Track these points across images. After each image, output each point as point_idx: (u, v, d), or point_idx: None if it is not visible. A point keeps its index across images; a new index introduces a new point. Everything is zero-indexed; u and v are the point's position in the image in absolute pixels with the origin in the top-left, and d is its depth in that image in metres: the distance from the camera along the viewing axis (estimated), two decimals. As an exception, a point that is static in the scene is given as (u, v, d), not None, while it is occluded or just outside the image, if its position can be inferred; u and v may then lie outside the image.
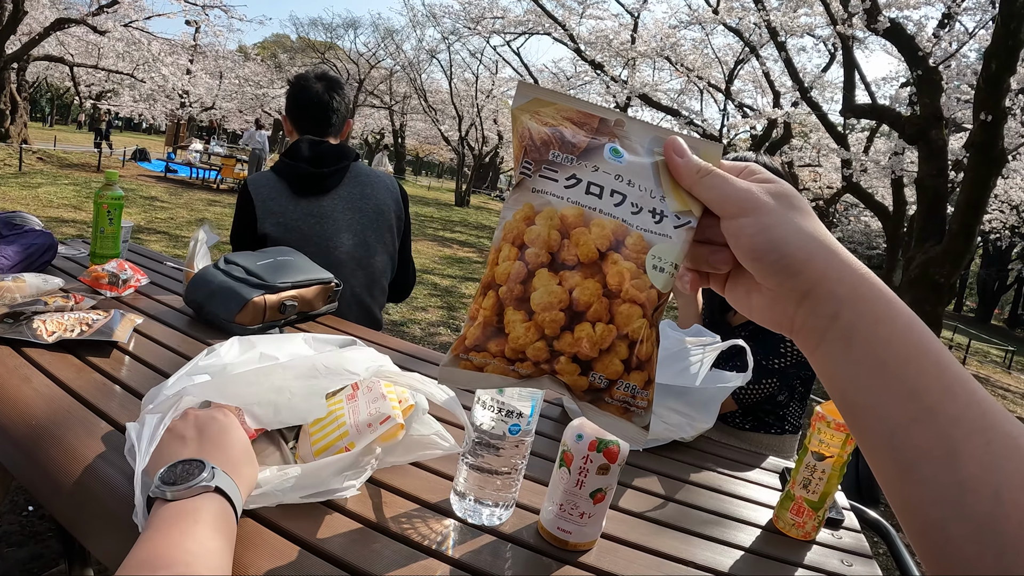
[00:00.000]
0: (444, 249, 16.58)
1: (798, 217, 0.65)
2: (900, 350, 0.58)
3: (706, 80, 21.77)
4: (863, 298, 0.61)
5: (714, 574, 1.20)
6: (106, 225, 2.45)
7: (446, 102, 37.29)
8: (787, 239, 0.63)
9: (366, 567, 1.02)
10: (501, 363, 0.66)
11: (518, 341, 0.65)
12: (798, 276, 0.63)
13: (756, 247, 0.64)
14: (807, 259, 0.63)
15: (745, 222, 0.65)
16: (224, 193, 19.93)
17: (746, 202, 0.65)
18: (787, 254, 0.63)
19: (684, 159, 0.69)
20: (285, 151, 2.75)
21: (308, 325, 2.26)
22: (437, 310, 9.52)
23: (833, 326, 0.61)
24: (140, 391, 1.50)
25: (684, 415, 1.77)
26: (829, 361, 0.62)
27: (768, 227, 0.64)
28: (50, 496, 1.18)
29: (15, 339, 1.66)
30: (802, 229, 0.64)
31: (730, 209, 0.66)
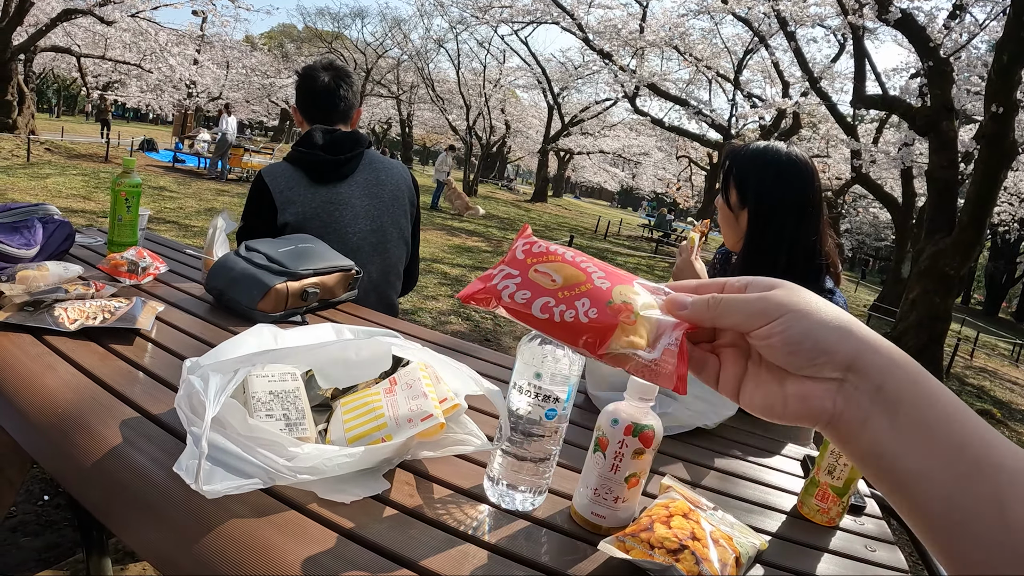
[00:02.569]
0: (453, 239, 16.57)
1: (816, 304, 0.67)
2: (940, 410, 0.60)
3: (715, 70, 21.75)
4: (899, 364, 0.63)
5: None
6: (124, 213, 2.45)
7: (454, 92, 37.28)
8: (816, 326, 0.65)
9: (405, 553, 1.02)
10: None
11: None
12: (837, 354, 0.64)
13: (790, 341, 0.66)
14: (841, 337, 0.64)
15: (773, 326, 0.66)
16: (232, 183, 19.95)
17: (767, 311, 0.67)
18: (822, 338, 0.65)
19: (690, 308, 0.71)
20: (299, 140, 2.74)
21: (328, 312, 2.25)
22: (447, 299, 9.52)
23: (878, 398, 0.62)
24: (165, 378, 1.50)
25: (707, 402, 1.76)
26: (875, 440, 0.63)
27: (796, 321, 0.65)
28: (77, 483, 1.18)
29: (37, 327, 1.65)
30: (827, 313, 0.66)
31: (756, 322, 0.68)
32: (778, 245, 2.09)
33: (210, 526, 1.01)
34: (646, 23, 20.13)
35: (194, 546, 1.00)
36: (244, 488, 1.01)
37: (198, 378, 1.07)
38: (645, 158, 44.68)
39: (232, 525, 1.01)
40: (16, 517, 2.82)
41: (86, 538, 2.44)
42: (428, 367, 1.37)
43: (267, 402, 1.22)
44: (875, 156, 15.23)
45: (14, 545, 2.68)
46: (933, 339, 10.43)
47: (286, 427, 1.19)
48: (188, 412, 1.08)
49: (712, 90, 26.57)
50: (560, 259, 0.78)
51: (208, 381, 1.05)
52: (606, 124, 38.26)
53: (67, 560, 2.65)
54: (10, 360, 1.48)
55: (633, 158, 44.72)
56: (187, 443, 1.03)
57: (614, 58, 20.22)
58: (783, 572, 1.18)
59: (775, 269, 2.10)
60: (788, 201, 2.09)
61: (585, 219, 36.62)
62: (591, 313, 0.71)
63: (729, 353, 0.73)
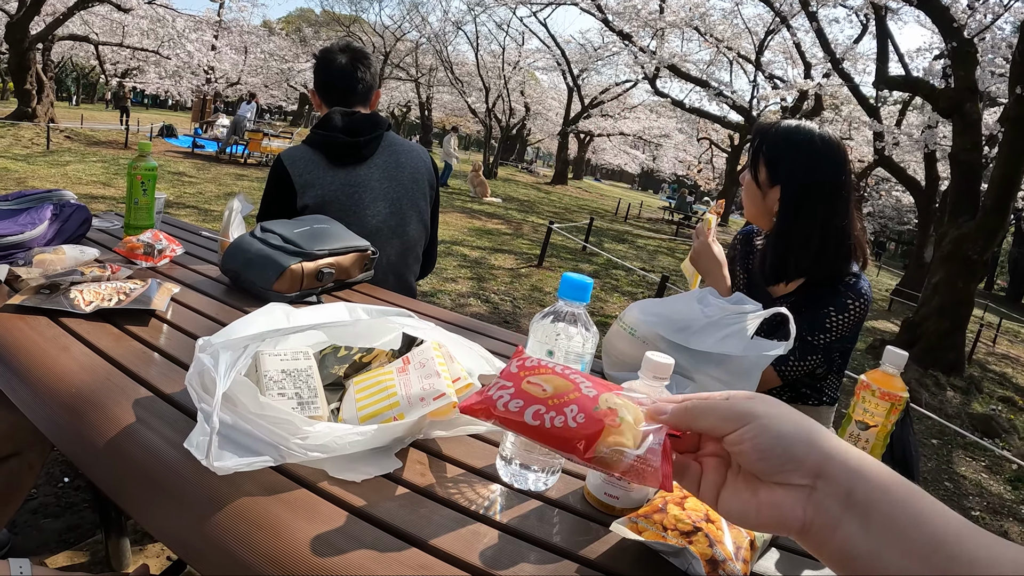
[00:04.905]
0: (473, 221, 16.57)
1: (786, 413, 0.74)
2: (913, 511, 0.64)
3: (736, 51, 21.63)
4: (868, 469, 0.68)
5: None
6: (140, 196, 2.45)
7: (472, 74, 37.18)
8: (785, 432, 0.72)
9: (415, 532, 1.01)
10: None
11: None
12: (805, 461, 0.70)
13: (760, 447, 0.72)
14: (809, 446, 0.70)
15: (744, 432, 0.73)
16: (251, 167, 20.02)
17: (740, 417, 0.74)
18: (790, 446, 0.71)
19: (669, 413, 0.80)
20: (318, 123, 2.73)
21: (344, 293, 2.25)
22: (467, 281, 9.55)
23: (848, 503, 0.67)
24: (180, 358, 1.51)
25: (725, 383, 1.75)
26: (848, 543, 0.66)
27: (765, 427, 0.72)
28: (91, 465, 1.18)
29: (53, 309, 1.66)
30: (795, 420, 0.73)
31: (729, 426, 0.75)
32: (810, 227, 2.08)
33: (220, 504, 1.01)
34: (666, 3, 20.02)
35: (204, 524, 0.99)
36: (255, 465, 1.01)
37: (208, 356, 1.07)
38: (666, 140, 44.42)
39: (242, 503, 1.01)
40: (37, 499, 2.84)
41: (104, 519, 2.46)
42: (442, 347, 1.36)
43: (279, 380, 1.22)
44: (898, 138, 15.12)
45: (35, 527, 2.69)
46: (955, 324, 10.34)
47: (298, 405, 1.19)
48: (199, 390, 1.07)
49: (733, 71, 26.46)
50: (550, 371, 0.87)
51: (218, 358, 1.04)
52: (626, 106, 38.03)
53: (87, 541, 2.67)
54: (26, 342, 1.49)
55: (654, 140, 44.45)
56: (198, 420, 1.03)
57: (634, 39, 20.13)
58: (798, 556, 1.16)
59: (807, 251, 2.09)
60: (821, 183, 2.08)
61: (605, 201, 36.52)
62: (579, 418, 0.79)
63: (711, 462, 0.80)
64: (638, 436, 0.79)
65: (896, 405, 1.34)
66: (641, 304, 1.89)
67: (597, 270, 12.45)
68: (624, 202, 31.70)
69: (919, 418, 6.83)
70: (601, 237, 17.72)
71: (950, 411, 8.41)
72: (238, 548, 0.96)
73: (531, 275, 10.93)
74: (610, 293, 10.45)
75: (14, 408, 1.70)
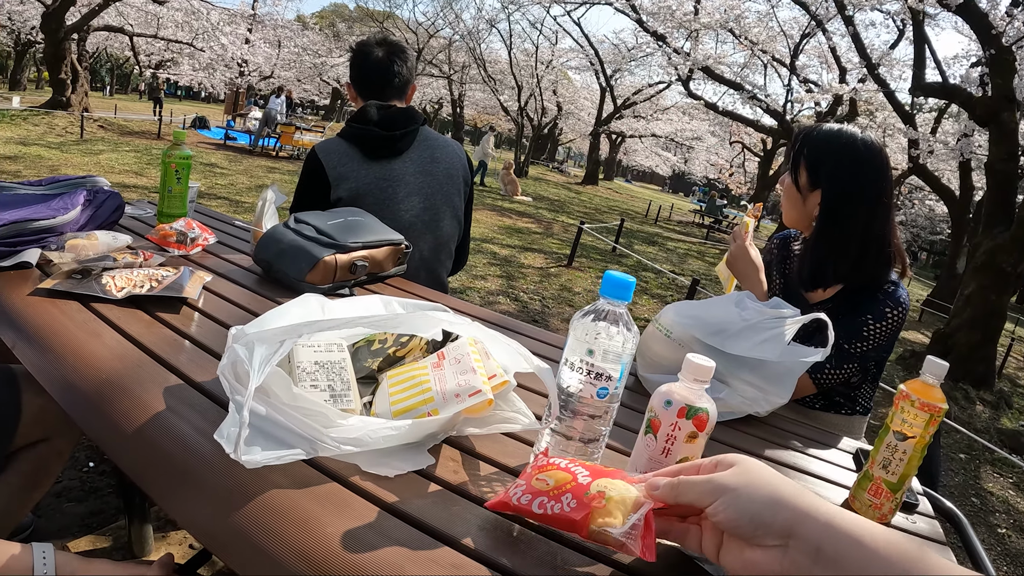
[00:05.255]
0: (503, 219, 16.57)
1: (758, 481, 0.85)
2: (883, 561, 0.72)
3: (770, 54, 21.45)
4: (838, 525, 0.76)
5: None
6: (174, 184, 2.45)
7: (505, 72, 37.17)
8: (751, 506, 0.82)
9: (448, 530, 0.99)
10: None
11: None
12: (772, 525, 0.80)
13: (730, 518, 0.84)
14: (775, 511, 0.81)
15: (717, 505, 0.86)
16: (283, 160, 20.14)
17: (713, 492, 0.87)
18: (756, 513, 0.82)
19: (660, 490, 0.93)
20: (353, 116, 2.72)
21: (376, 287, 2.24)
22: (496, 279, 9.54)
23: (819, 558, 0.75)
24: (211, 347, 1.50)
25: (760, 388, 1.72)
26: None
27: (735, 500, 0.84)
28: (119, 451, 1.17)
29: (84, 294, 1.66)
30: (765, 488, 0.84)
31: (706, 500, 0.87)
32: (851, 233, 2.05)
33: (250, 496, 0.99)
34: (701, 5, 19.89)
35: (232, 515, 0.98)
36: (285, 458, 1.00)
37: (243, 347, 1.05)
38: (698, 143, 44.22)
39: (272, 496, 1.00)
40: (61, 483, 2.85)
41: (128, 505, 2.46)
42: (477, 342, 1.34)
43: (312, 372, 1.20)
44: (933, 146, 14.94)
45: (58, 510, 2.70)
46: (987, 337, 10.21)
47: (331, 398, 1.18)
48: (231, 380, 1.06)
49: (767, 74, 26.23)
50: (556, 468, 1.01)
51: (253, 351, 1.03)
52: (659, 107, 37.84)
53: (109, 526, 2.68)
54: (56, 326, 1.48)
55: (685, 142, 44.27)
56: (229, 411, 1.01)
57: (668, 40, 20.03)
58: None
59: (846, 257, 2.07)
60: (863, 187, 2.05)
61: (636, 203, 36.46)
62: (571, 503, 0.94)
63: (708, 525, 0.91)
64: (627, 510, 0.93)
65: (935, 417, 1.30)
66: (677, 306, 1.86)
67: (626, 271, 12.36)
68: (654, 204, 31.63)
69: (947, 431, 6.75)
70: (631, 238, 17.68)
71: (979, 425, 8.31)
72: (266, 541, 0.94)
73: (560, 275, 10.90)
74: (639, 295, 10.41)
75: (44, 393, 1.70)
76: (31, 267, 1.83)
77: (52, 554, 1.17)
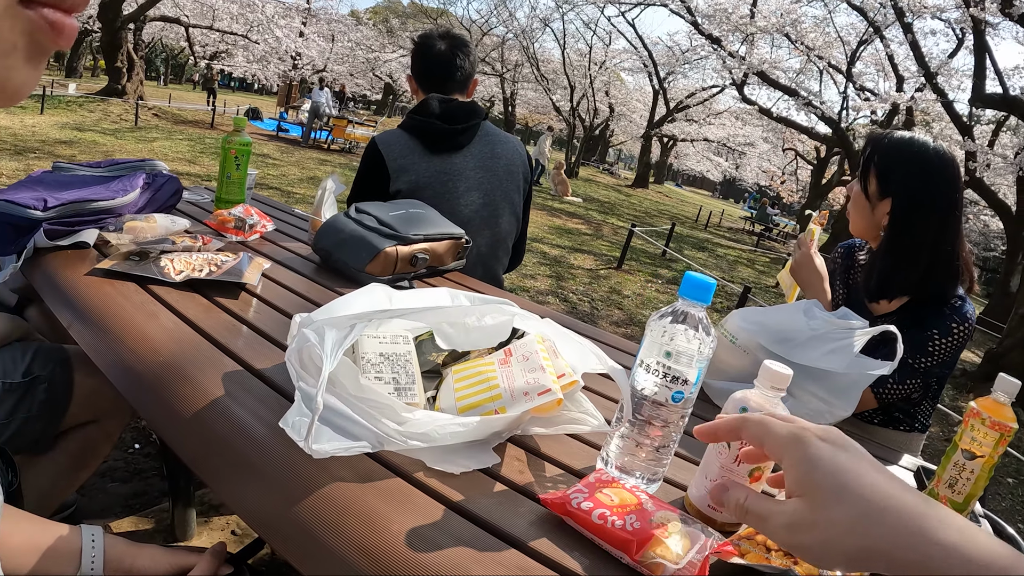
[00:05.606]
0: (553, 219, 16.56)
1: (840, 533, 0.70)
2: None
3: (826, 60, 21.20)
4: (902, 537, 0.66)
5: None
6: (233, 171, 2.45)
7: (558, 72, 37.22)
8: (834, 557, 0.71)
9: (514, 532, 0.96)
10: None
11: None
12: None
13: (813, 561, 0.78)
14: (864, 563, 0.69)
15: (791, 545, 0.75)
16: (335, 153, 20.33)
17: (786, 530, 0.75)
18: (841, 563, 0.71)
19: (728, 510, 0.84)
20: (415, 108, 2.71)
21: (436, 280, 2.23)
22: (546, 279, 9.53)
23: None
24: (270, 334, 1.48)
25: (824, 400, 1.68)
26: None
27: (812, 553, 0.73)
28: (175, 434, 1.16)
29: (142, 276, 1.65)
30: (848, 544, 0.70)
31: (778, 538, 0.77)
32: (921, 244, 1.99)
33: (310, 488, 0.97)
34: (757, 8, 19.75)
35: (292, 507, 0.96)
36: (352, 450, 0.98)
37: (313, 332, 1.01)
38: (750, 148, 43.88)
39: (334, 488, 0.97)
40: (106, 463, 2.88)
41: (173, 488, 2.48)
42: (545, 340, 1.30)
43: (377, 364, 1.18)
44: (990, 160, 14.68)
45: (102, 490, 2.73)
46: (1041, 358, 10.01)
47: (395, 391, 1.15)
48: (297, 367, 1.03)
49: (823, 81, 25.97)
50: (620, 486, 1.03)
51: (324, 336, 0.99)
52: (712, 111, 37.57)
53: (152, 508, 2.70)
54: (114, 308, 1.48)
55: (738, 148, 43.96)
56: (294, 399, 0.99)
57: (723, 43, 19.91)
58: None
59: (916, 268, 2.01)
60: (933, 198, 1.99)
61: (686, 208, 36.30)
62: (635, 524, 0.94)
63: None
64: (687, 546, 0.93)
65: (1005, 436, 1.26)
66: (743, 312, 1.82)
67: (676, 276, 12.29)
68: (705, 210, 31.47)
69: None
70: (681, 243, 17.60)
71: (1029, 448, 8.14)
72: (326, 534, 0.92)
73: (610, 277, 10.86)
74: (690, 301, 10.34)
75: (96, 374, 1.70)
76: (88, 247, 1.85)
77: (101, 537, 1.15)
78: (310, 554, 0.92)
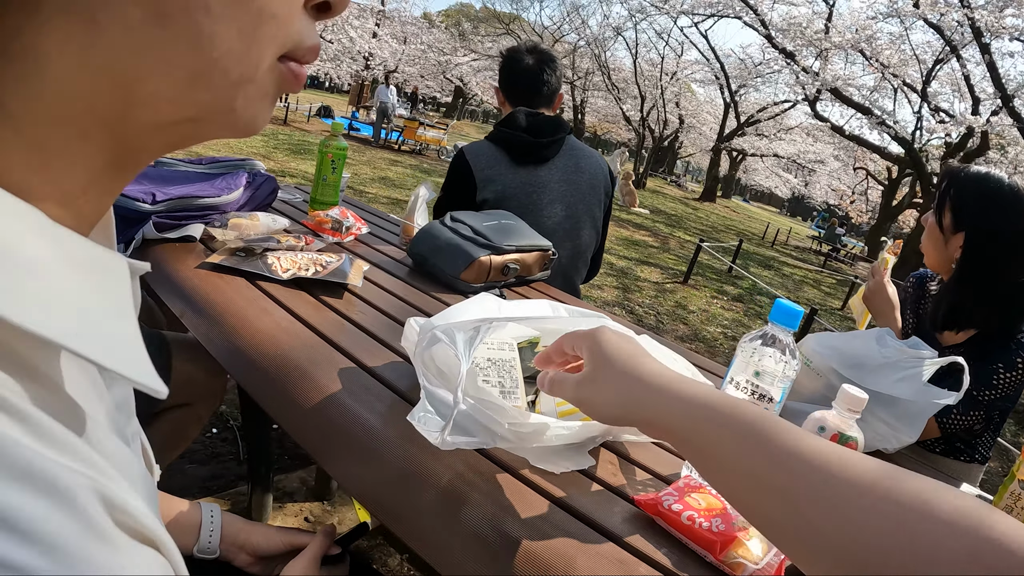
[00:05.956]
0: (621, 230, 16.50)
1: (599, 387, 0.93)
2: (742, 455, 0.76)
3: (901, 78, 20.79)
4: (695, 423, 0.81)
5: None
6: (329, 173, 2.53)
7: (628, 81, 37.08)
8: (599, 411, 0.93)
9: (612, 528, 1.03)
10: None
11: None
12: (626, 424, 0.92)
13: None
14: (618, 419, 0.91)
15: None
16: (405, 154, 20.47)
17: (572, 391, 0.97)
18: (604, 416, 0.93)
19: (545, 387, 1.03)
20: (502, 120, 2.78)
21: (522, 289, 2.29)
22: (613, 289, 9.54)
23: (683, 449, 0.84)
24: (376, 333, 1.56)
25: (890, 425, 1.71)
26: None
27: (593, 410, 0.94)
28: (296, 425, 1.23)
29: (250, 272, 1.72)
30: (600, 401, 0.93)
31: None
32: (991, 279, 2.03)
33: (426, 476, 1.04)
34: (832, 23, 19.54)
35: (409, 493, 1.05)
36: (472, 445, 1.04)
37: (443, 334, 1.09)
38: (820, 166, 43.08)
39: (448, 479, 1.05)
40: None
41: (253, 473, 2.55)
42: (640, 352, 1.36)
43: (485, 368, 1.25)
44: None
45: (180, 471, 2.84)
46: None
47: (500, 394, 1.23)
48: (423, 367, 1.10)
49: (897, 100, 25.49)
50: (708, 492, 1.09)
51: (455, 338, 1.06)
52: (783, 127, 37.04)
53: (228, 491, 2.81)
54: (226, 301, 1.55)
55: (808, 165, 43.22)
56: (422, 396, 1.07)
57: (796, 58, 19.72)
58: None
59: (984, 303, 2.05)
60: (1006, 234, 2.01)
61: (753, 224, 35.85)
62: (720, 526, 1.01)
63: None
64: (766, 548, 1.01)
65: None
66: (818, 336, 1.87)
67: (741, 294, 12.18)
68: (772, 227, 31.12)
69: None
70: (747, 260, 17.40)
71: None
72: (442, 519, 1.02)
73: (676, 291, 10.81)
74: (753, 320, 10.19)
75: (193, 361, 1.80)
76: (194, 241, 1.92)
77: (219, 513, 1.23)
78: (425, 536, 1.01)
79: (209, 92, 0.43)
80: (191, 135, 0.47)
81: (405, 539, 1.02)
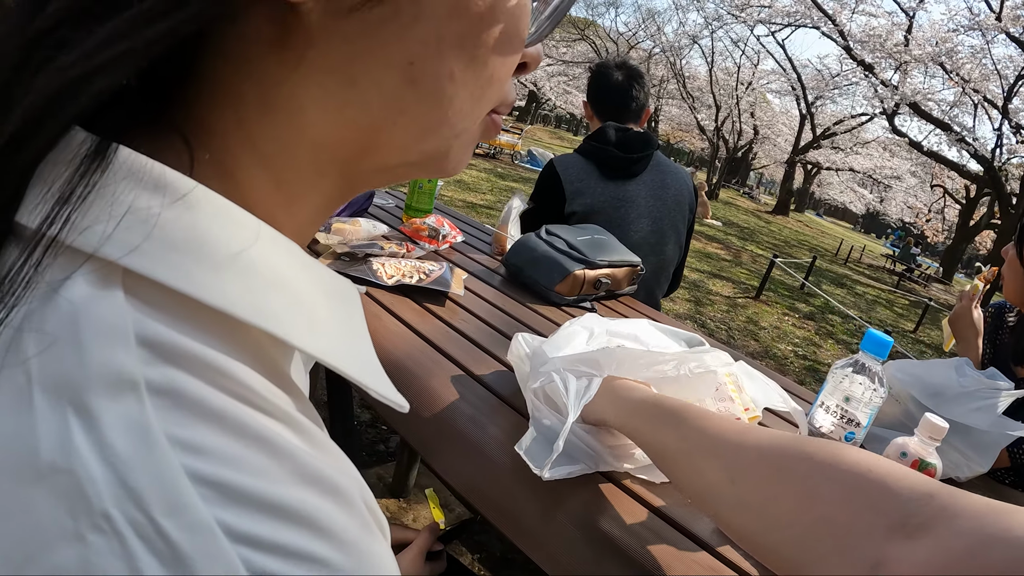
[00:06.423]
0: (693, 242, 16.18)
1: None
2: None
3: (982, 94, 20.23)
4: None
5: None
6: (424, 182, 2.61)
7: (703, 90, 36.78)
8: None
9: (705, 538, 1.10)
10: None
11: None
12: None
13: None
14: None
15: None
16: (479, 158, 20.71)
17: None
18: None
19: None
20: (591, 135, 2.86)
21: (611, 303, 2.36)
22: (684, 302, 9.58)
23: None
24: (479, 341, 1.64)
25: (964, 454, 1.74)
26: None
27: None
28: (408, 426, 1.33)
29: (357, 277, 1.78)
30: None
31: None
32: None
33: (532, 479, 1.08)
34: (911, 35, 19.22)
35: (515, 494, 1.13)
36: (575, 473, 1.11)
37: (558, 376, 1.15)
38: (896, 182, 42.33)
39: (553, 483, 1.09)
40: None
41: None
42: (732, 374, 1.42)
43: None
44: None
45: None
46: None
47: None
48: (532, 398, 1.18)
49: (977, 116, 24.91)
50: None
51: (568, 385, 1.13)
52: (859, 140, 36.51)
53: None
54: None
55: (883, 180, 42.47)
56: (530, 427, 1.13)
57: (875, 70, 19.43)
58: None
59: None
60: None
61: (826, 240, 35.31)
62: None
63: None
64: None
65: None
66: (899, 363, 1.89)
67: (813, 312, 12.01)
68: (846, 243, 30.63)
69: None
70: (819, 277, 17.15)
71: None
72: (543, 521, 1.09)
73: (747, 307, 10.78)
74: (824, 339, 10.06)
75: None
76: (301, 246, 2.00)
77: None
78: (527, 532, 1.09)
79: (434, 143, 0.50)
80: (404, 175, 0.54)
81: (508, 533, 1.10)
